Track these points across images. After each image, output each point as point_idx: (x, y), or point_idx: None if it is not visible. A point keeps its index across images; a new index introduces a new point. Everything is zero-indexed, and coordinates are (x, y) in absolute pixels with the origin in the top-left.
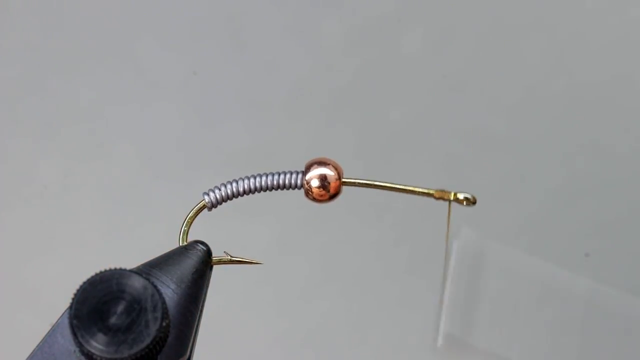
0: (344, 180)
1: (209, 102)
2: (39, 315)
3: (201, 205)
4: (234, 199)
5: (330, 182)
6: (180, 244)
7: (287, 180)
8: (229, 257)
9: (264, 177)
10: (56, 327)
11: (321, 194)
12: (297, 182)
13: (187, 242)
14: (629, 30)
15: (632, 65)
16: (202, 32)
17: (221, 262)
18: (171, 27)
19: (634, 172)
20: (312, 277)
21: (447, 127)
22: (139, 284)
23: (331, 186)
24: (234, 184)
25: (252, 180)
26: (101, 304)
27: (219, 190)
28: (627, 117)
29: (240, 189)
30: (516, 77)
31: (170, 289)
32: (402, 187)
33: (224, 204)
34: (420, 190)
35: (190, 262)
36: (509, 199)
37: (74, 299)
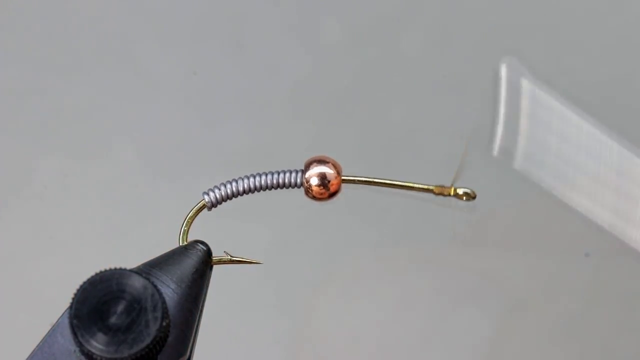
0: (344, 177)
1: (209, 102)
2: (39, 315)
3: (201, 204)
4: (234, 199)
5: (330, 180)
6: (180, 244)
7: (286, 179)
8: (229, 257)
9: (263, 176)
10: (56, 326)
11: (321, 192)
12: (297, 180)
13: (187, 241)
14: (629, 30)
15: (632, 65)
16: (202, 32)
17: (221, 262)
18: (171, 27)
19: None
20: (312, 277)
21: (447, 127)
22: (139, 284)
23: (331, 184)
24: (234, 184)
25: (251, 179)
26: (101, 303)
27: (219, 189)
28: (627, 117)
29: (240, 188)
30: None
31: (170, 289)
32: (402, 184)
33: (223, 203)
34: (419, 186)
35: (190, 262)
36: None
37: (74, 299)
